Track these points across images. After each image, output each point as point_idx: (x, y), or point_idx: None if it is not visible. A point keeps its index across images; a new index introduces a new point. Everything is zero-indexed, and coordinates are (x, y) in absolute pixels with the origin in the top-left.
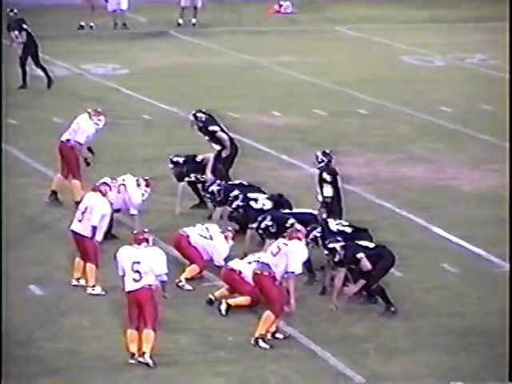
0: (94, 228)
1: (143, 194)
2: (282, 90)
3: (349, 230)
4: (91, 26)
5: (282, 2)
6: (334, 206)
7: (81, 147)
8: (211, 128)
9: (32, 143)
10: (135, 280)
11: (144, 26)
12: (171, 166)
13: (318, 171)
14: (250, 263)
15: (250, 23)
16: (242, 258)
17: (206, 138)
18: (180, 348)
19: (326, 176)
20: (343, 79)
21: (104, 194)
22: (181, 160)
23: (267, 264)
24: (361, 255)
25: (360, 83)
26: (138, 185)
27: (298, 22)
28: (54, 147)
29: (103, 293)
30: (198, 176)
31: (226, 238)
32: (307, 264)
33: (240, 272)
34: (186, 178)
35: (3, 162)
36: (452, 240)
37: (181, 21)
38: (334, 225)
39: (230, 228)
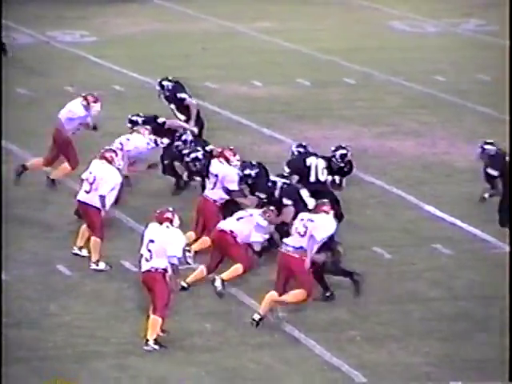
0: (102, 198)
1: (148, 143)
2: (263, 59)
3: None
4: None
5: None
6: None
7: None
8: (180, 95)
9: None
10: (146, 260)
11: None
12: (129, 125)
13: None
14: (238, 219)
15: None
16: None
17: (172, 106)
18: None
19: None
20: (328, 46)
21: (110, 162)
22: (140, 120)
23: (301, 247)
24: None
25: (346, 51)
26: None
27: None
28: (18, 120)
29: (107, 268)
30: (158, 139)
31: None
32: None
33: (231, 232)
34: None
35: None
36: (445, 219)
37: None
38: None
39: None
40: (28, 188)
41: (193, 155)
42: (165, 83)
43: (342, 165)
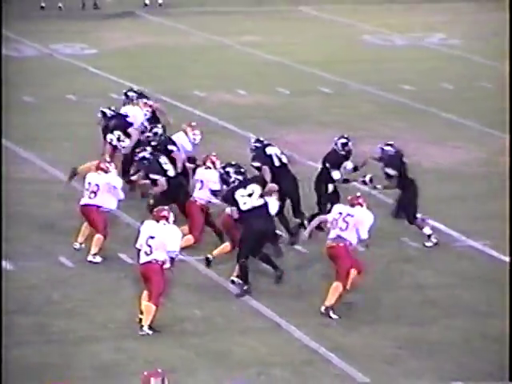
0: (119, 201)
1: (194, 139)
2: (247, 69)
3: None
4: (60, 7)
5: None
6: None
7: None
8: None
9: (4, 121)
10: (146, 253)
11: (111, 7)
12: (100, 115)
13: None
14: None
15: (215, 3)
16: None
17: None
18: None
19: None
20: (306, 58)
21: (106, 172)
22: (109, 113)
23: (340, 237)
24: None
25: (323, 62)
26: (186, 133)
27: (263, 2)
28: (24, 125)
29: (99, 260)
30: (121, 135)
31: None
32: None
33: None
34: (109, 135)
35: None
36: None
37: (147, 1)
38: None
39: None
40: (33, 186)
41: (140, 154)
42: (130, 94)
43: (343, 153)
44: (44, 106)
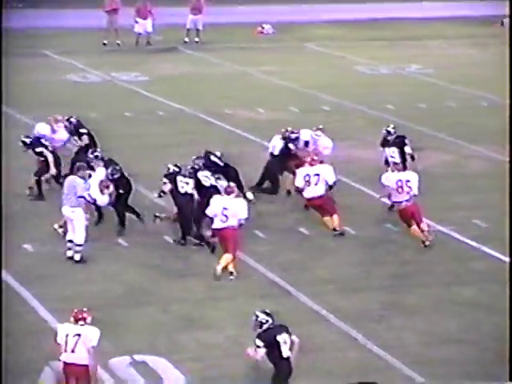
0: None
1: (316, 138)
2: (265, 92)
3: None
4: (118, 44)
5: (264, 25)
6: None
7: None
8: (81, 130)
9: None
10: (222, 221)
11: (159, 43)
12: (21, 144)
13: None
14: (317, 184)
15: (240, 41)
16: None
17: (75, 137)
18: (188, 289)
19: None
20: (311, 84)
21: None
22: (28, 141)
23: (411, 198)
24: None
25: (324, 87)
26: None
27: (277, 40)
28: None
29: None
30: (44, 150)
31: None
32: None
33: (324, 194)
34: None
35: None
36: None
37: (187, 39)
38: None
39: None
40: None
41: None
42: (72, 120)
43: (389, 138)
44: (106, 122)
